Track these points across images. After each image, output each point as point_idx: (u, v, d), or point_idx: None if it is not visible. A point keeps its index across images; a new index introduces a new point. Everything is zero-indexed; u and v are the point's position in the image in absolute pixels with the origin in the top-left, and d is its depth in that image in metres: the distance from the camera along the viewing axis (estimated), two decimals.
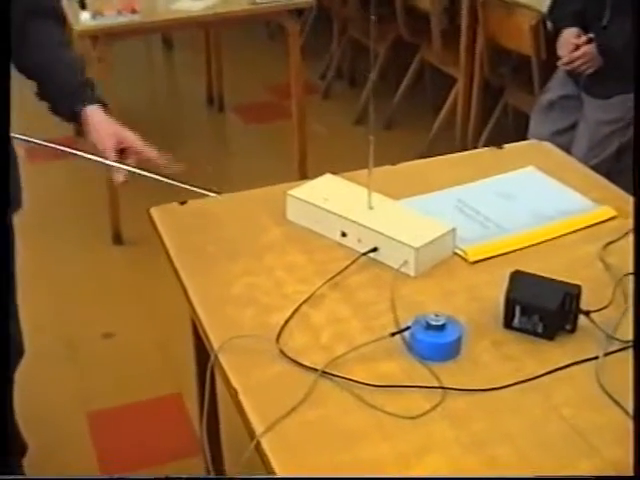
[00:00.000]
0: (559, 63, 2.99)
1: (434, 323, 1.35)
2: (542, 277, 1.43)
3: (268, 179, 1.89)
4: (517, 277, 1.43)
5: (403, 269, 1.56)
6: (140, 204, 1.85)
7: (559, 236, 1.70)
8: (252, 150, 4.40)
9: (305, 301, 1.49)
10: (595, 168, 2.05)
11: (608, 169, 2.58)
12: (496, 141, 3.93)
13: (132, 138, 1.80)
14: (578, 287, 1.41)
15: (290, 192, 1.74)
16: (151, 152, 1.79)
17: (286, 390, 1.30)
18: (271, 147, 4.39)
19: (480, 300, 1.51)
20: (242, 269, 1.60)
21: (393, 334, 1.37)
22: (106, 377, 2.83)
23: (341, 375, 1.31)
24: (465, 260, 1.62)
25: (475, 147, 4.07)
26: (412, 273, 1.57)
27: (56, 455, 2.46)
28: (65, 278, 3.37)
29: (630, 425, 1.22)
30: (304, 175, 3.78)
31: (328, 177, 1.81)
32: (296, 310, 1.47)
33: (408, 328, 1.36)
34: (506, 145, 2.09)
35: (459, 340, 1.36)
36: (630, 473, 1.15)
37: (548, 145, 2.13)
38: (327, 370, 1.32)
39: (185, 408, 2.67)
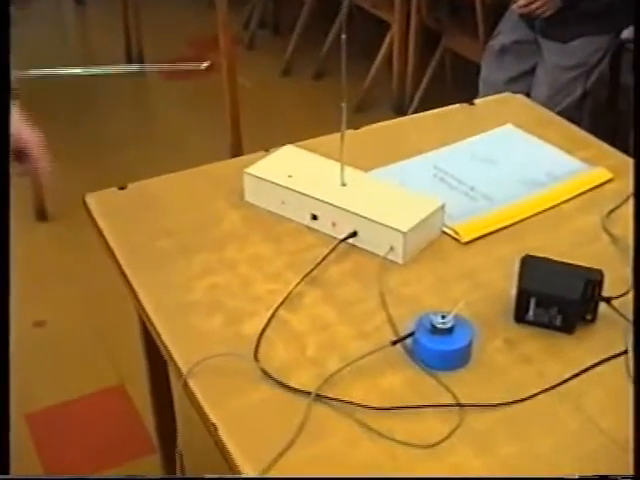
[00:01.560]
0: (515, 7, 2.78)
1: (441, 326, 1.14)
2: (556, 262, 1.24)
3: (199, 141, 1.65)
4: (528, 263, 1.23)
5: (389, 256, 1.36)
6: (64, 174, 1.58)
7: (555, 205, 1.52)
8: (178, 110, 4.11)
9: (281, 304, 1.27)
10: None
11: (569, 118, 2.40)
12: (436, 90, 3.79)
13: (32, 144, 1.46)
14: (600, 272, 1.21)
15: (247, 170, 1.51)
16: (44, 166, 1.49)
17: (275, 420, 1.09)
18: (198, 105, 4.09)
19: (481, 287, 1.32)
20: (200, 267, 1.37)
21: (394, 342, 1.16)
22: (41, 371, 2.58)
23: (338, 398, 1.10)
24: (457, 240, 1.42)
25: (413, 96, 3.88)
26: (400, 260, 1.36)
27: None
28: None
29: None
30: (237, 130, 3.52)
31: (288, 149, 1.59)
32: (272, 316, 1.25)
33: (411, 334, 1.15)
34: (477, 100, 1.89)
35: (471, 344, 1.16)
36: None
37: (522, 98, 1.93)
38: (321, 392, 1.11)
39: (131, 400, 2.45)
